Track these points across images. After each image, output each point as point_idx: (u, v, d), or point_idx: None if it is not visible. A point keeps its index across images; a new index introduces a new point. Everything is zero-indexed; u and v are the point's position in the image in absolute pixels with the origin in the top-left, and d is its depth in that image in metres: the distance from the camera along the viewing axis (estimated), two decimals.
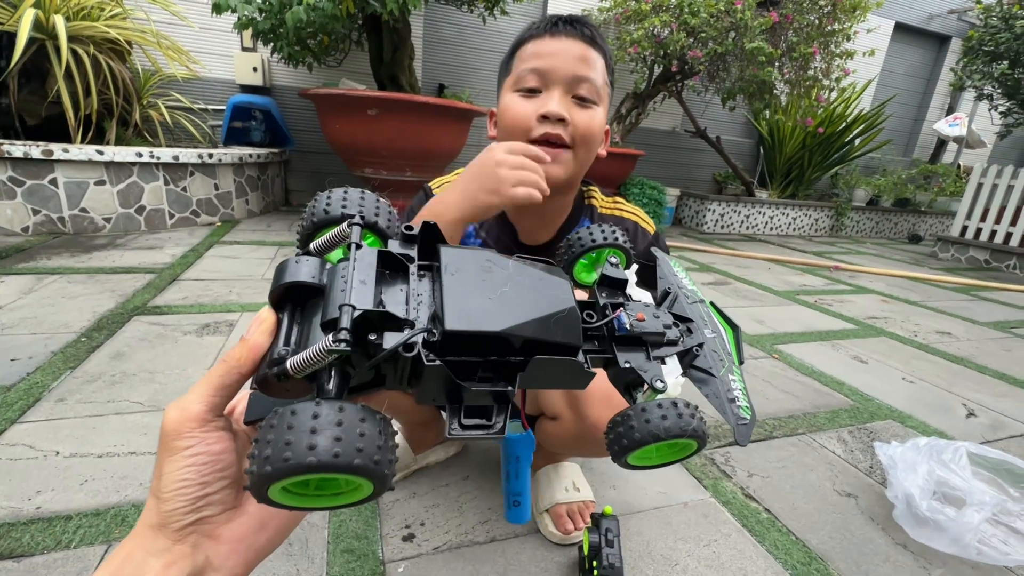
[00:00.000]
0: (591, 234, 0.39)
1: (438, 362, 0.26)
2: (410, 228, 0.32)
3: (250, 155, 3.16)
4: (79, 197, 2.45)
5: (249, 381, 0.29)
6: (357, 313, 0.25)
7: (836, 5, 3.64)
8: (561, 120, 0.66)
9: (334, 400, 0.24)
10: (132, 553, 0.27)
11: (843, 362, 1.79)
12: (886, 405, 1.49)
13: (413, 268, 0.30)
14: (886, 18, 5.61)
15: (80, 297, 1.68)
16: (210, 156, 2.84)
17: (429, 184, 0.83)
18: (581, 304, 0.34)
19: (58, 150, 2.32)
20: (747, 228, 4.98)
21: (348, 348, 0.24)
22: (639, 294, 0.37)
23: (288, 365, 0.25)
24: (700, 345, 0.36)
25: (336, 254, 0.33)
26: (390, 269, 0.30)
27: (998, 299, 3.07)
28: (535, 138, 0.67)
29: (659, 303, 0.38)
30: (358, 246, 0.29)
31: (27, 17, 2.19)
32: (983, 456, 1.01)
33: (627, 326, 0.33)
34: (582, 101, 0.68)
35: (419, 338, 0.26)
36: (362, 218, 0.31)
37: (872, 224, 5.74)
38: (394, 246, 0.31)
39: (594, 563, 0.72)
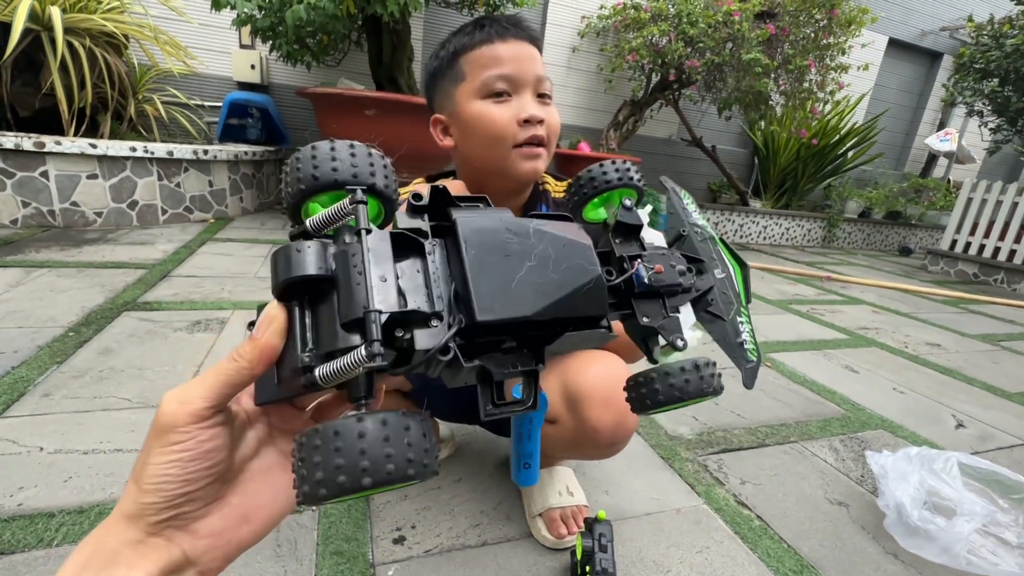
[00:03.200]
0: (604, 174, 0.36)
1: (476, 363, 0.26)
2: (419, 197, 0.30)
3: (245, 152, 3.15)
4: (70, 190, 2.42)
5: None
6: (384, 318, 0.24)
7: (832, 19, 3.70)
8: (540, 121, 0.69)
9: (376, 414, 0.23)
10: (104, 541, 0.25)
11: (835, 371, 1.80)
12: (877, 415, 1.50)
13: (428, 246, 0.28)
14: (880, 34, 5.69)
15: (69, 291, 1.66)
16: (205, 152, 2.82)
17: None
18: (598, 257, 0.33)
19: (50, 142, 2.29)
20: (741, 237, 5.02)
21: (385, 363, 0.23)
22: (651, 235, 0.36)
23: (318, 377, 0.24)
24: (711, 288, 0.36)
25: (315, 208, 0.29)
26: (403, 246, 0.28)
27: (986, 312, 3.11)
28: (522, 142, 0.69)
29: (671, 244, 0.37)
30: (368, 231, 0.26)
31: (23, 7, 2.17)
32: (973, 467, 1.02)
33: (646, 280, 0.33)
34: (545, 98, 0.72)
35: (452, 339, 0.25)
36: (355, 178, 0.28)
37: (864, 236, 5.80)
38: (403, 220, 0.29)
39: (587, 568, 0.71)
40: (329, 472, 0.22)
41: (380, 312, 0.24)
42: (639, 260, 0.34)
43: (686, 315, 0.34)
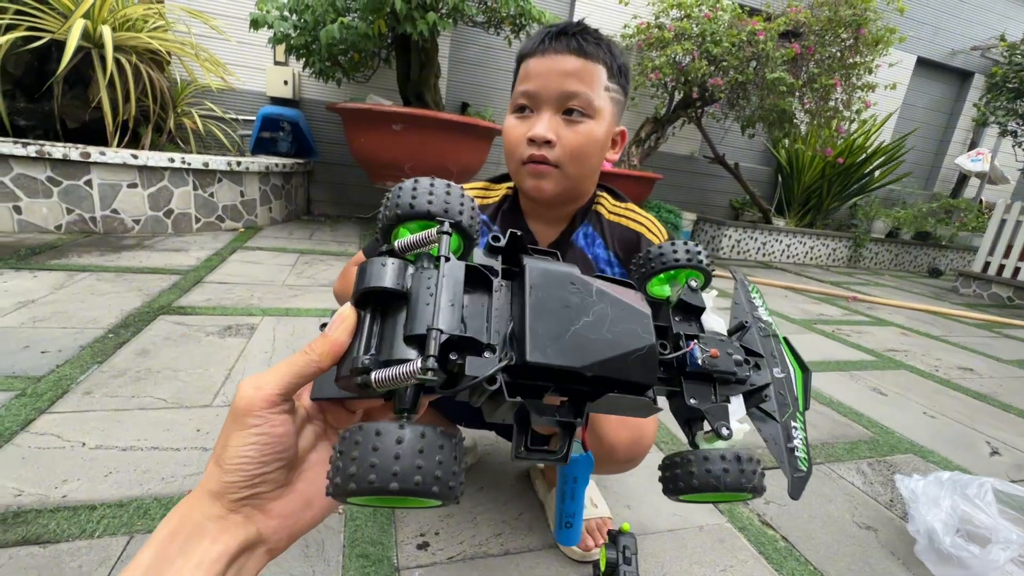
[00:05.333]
0: (675, 252, 0.37)
1: (518, 399, 0.27)
2: (497, 239, 0.32)
3: (276, 164, 3.25)
4: (111, 198, 2.53)
5: None
6: (444, 338, 0.26)
7: (858, 39, 3.68)
8: (547, 142, 0.68)
9: (416, 425, 0.24)
10: (189, 514, 0.28)
11: (862, 393, 1.76)
12: (906, 439, 1.46)
13: (496, 284, 0.30)
14: (908, 52, 5.63)
15: (108, 295, 1.73)
16: (238, 164, 2.92)
17: None
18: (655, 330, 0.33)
19: (95, 153, 2.40)
20: (763, 255, 4.96)
21: (436, 378, 0.25)
22: (712, 321, 0.36)
23: (373, 379, 0.26)
24: (767, 386, 0.35)
25: (404, 233, 0.32)
26: (473, 280, 0.30)
27: (1022, 337, 3.00)
28: (524, 159, 0.70)
29: (731, 333, 0.37)
30: (447, 258, 0.28)
31: (76, 27, 2.30)
32: (1010, 494, 0.99)
33: (699, 361, 0.32)
34: (571, 116, 0.68)
35: (500, 371, 0.27)
36: (445, 212, 0.30)
37: (891, 256, 5.68)
38: (479, 256, 0.31)
39: None
40: (363, 469, 0.23)
41: (441, 331, 0.26)
42: (696, 340, 0.33)
43: (736, 407, 0.33)
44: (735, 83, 3.66)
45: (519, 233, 0.32)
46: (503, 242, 0.32)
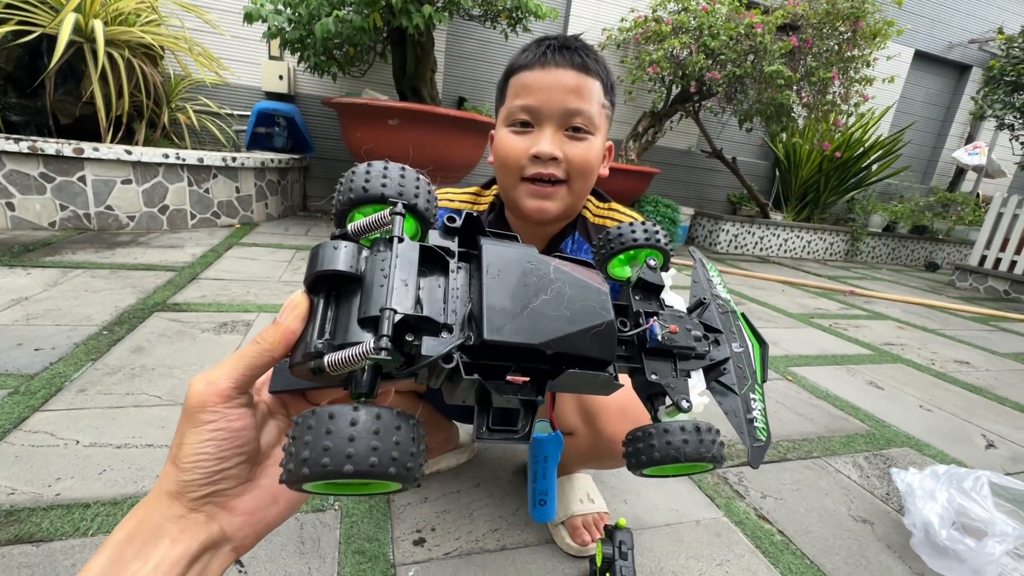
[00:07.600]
0: (633, 232, 0.37)
1: (476, 376, 0.27)
2: (453, 219, 0.32)
3: (272, 160, 3.23)
4: (105, 195, 2.51)
5: None
6: (398, 318, 0.25)
7: (856, 32, 3.67)
8: (554, 159, 0.66)
9: (372, 406, 0.24)
10: (148, 516, 0.27)
11: (858, 387, 1.77)
12: (903, 432, 1.47)
13: (453, 264, 0.30)
14: (906, 46, 5.62)
15: (103, 291, 1.72)
16: (233, 160, 2.90)
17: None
18: (614, 308, 0.34)
19: (88, 149, 2.38)
20: (761, 250, 4.96)
21: (389, 357, 0.24)
22: (672, 299, 0.37)
23: (326, 363, 0.25)
24: (726, 360, 0.36)
25: (359, 218, 0.32)
26: (429, 261, 0.30)
27: (1018, 330, 3.01)
28: (527, 176, 0.68)
29: (691, 310, 0.37)
30: (400, 239, 0.28)
31: (68, 21, 2.27)
32: (1005, 487, 0.99)
33: (659, 338, 0.33)
34: (576, 132, 0.67)
35: (457, 349, 0.26)
36: (400, 195, 0.30)
37: (888, 250, 5.69)
38: (435, 237, 0.31)
39: (607, 575, 0.71)
40: (316, 453, 0.22)
41: (395, 311, 0.25)
42: (655, 317, 0.34)
43: (696, 381, 0.34)
44: (733, 77, 3.65)
45: (475, 215, 0.32)
46: (459, 223, 0.32)
